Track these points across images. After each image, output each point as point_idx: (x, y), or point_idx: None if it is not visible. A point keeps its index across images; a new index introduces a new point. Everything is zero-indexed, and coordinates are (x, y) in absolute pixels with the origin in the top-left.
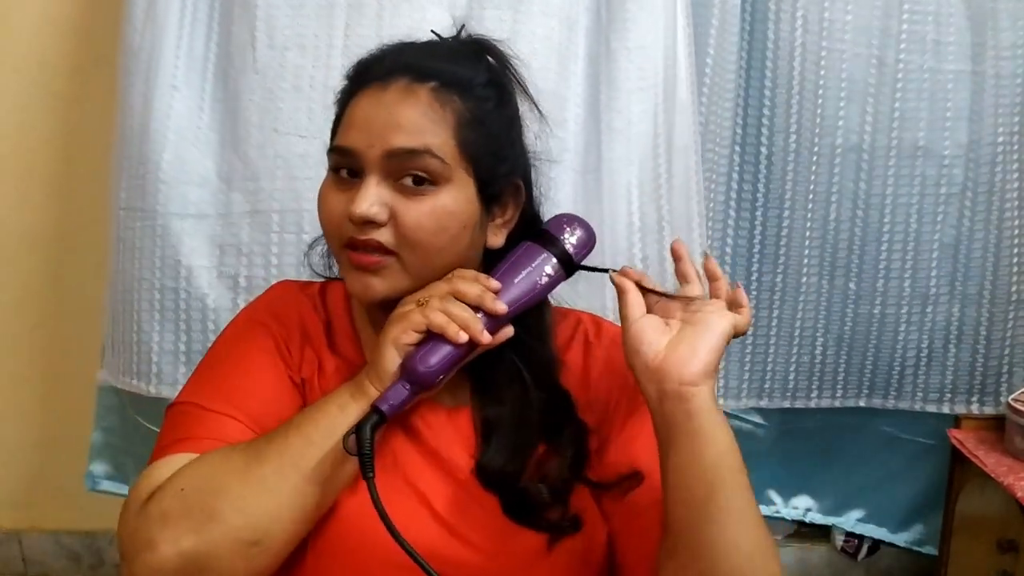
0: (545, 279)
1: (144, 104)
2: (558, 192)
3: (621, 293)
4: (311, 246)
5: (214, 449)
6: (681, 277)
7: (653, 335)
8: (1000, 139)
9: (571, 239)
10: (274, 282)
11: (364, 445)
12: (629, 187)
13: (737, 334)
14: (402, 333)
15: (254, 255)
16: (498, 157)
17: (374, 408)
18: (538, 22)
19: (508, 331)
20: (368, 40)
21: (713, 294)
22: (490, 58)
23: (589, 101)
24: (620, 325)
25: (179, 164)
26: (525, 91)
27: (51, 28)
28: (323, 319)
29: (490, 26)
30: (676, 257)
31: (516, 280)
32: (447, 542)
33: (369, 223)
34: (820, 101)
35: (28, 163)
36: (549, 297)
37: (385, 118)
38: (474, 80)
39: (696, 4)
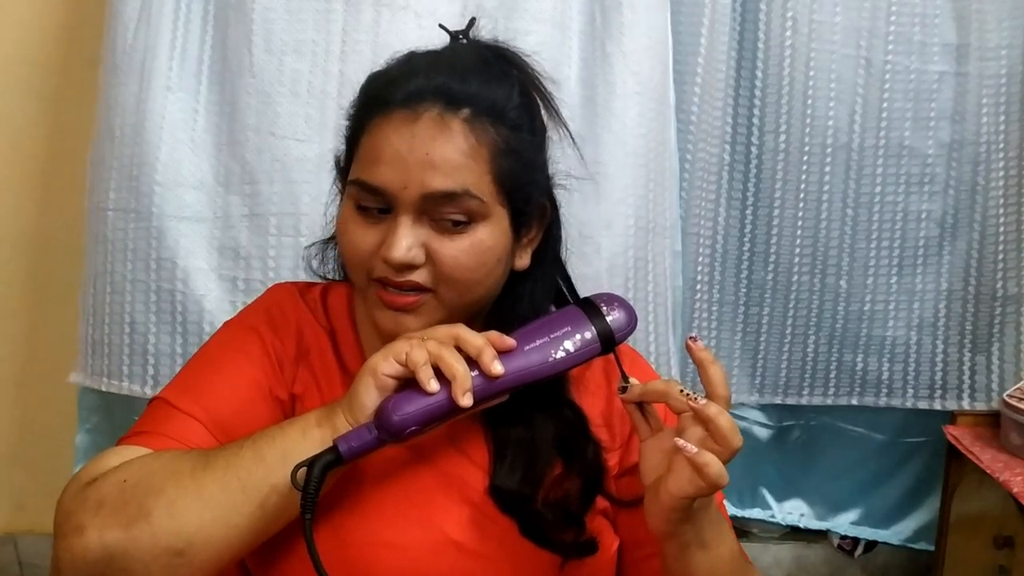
0: (561, 354)
1: (137, 105)
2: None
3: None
4: (308, 250)
5: (168, 447)
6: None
7: (646, 465)
8: (983, 138)
9: (608, 318)
10: (273, 283)
11: (310, 483)
12: (625, 191)
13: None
14: (383, 360)
15: (252, 258)
16: (531, 184)
17: (334, 445)
18: (531, 28)
19: (501, 398)
20: (365, 46)
21: (705, 382)
22: (517, 73)
23: (584, 104)
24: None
25: (174, 166)
26: (556, 109)
27: (36, 28)
28: (327, 329)
29: (482, 32)
30: (695, 361)
31: (527, 347)
32: (464, 564)
33: (407, 266)
34: (809, 101)
35: (11, 164)
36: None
37: (419, 156)
38: (508, 105)
39: (687, 5)
